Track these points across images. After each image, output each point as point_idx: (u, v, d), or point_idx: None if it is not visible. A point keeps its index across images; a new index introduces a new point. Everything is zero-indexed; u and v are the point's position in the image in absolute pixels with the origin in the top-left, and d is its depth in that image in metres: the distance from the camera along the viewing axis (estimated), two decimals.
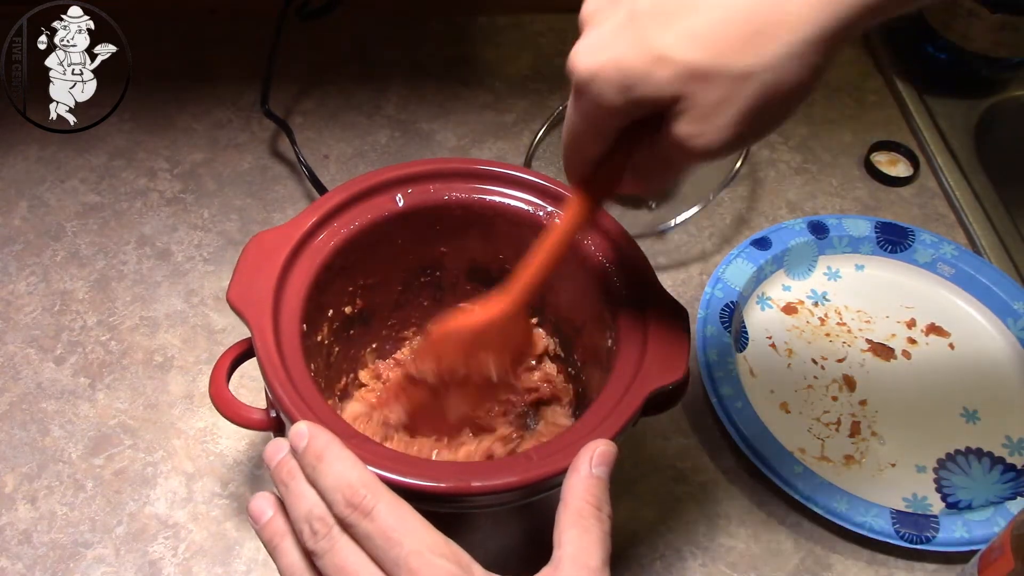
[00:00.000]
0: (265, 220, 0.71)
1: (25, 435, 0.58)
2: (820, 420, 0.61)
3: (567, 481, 0.38)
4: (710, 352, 0.62)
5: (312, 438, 0.38)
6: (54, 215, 0.70)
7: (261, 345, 0.43)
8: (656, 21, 0.32)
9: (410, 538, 0.35)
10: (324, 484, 0.36)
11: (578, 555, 0.36)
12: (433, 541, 0.35)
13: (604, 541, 0.37)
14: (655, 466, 0.59)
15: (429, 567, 0.34)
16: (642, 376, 0.43)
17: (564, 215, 0.43)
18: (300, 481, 0.37)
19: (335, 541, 0.35)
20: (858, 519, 0.54)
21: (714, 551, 0.55)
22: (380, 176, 0.50)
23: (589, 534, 0.37)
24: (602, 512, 0.37)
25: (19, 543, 0.53)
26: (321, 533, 0.35)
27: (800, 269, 0.70)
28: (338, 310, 0.52)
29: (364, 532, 0.35)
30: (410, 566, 0.34)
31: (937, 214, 0.76)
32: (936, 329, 0.67)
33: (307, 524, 0.36)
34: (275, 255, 0.46)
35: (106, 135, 0.75)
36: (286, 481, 0.37)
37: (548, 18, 0.88)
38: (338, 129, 0.78)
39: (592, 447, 0.39)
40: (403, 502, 0.36)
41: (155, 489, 0.56)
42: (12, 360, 0.61)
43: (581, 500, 0.37)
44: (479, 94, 0.81)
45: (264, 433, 0.52)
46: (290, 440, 0.38)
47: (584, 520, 0.37)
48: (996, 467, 0.60)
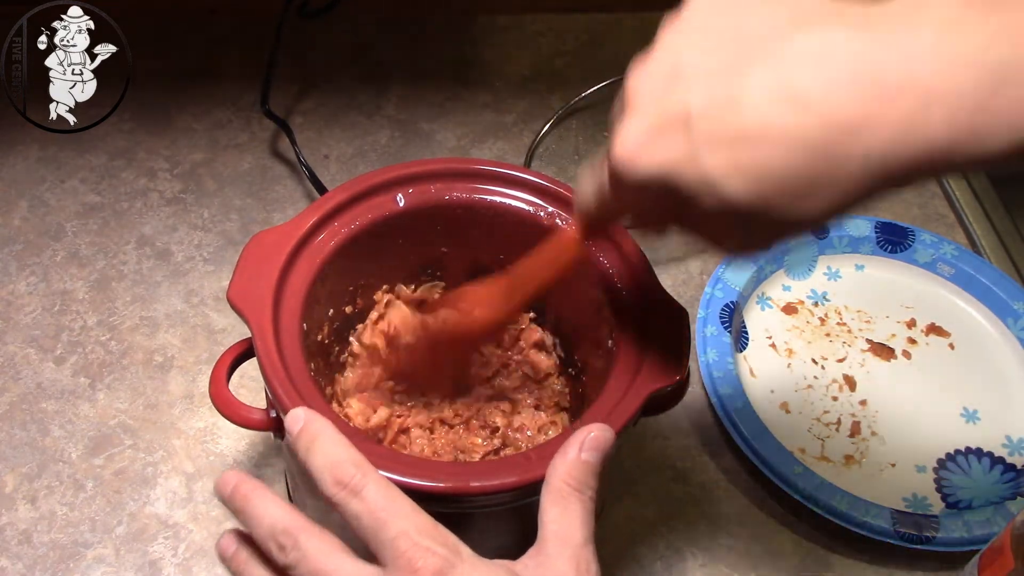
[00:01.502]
0: (265, 220, 0.71)
1: (25, 435, 0.58)
2: (820, 420, 0.61)
3: (552, 462, 0.38)
4: (710, 352, 0.62)
5: (307, 422, 0.38)
6: (54, 215, 0.70)
7: (261, 345, 0.43)
8: (711, 139, 0.31)
9: (398, 519, 0.34)
10: (314, 464, 0.36)
11: (560, 532, 0.36)
12: (422, 523, 0.35)
13: (586, 518, 0.37)
14: (655, 466, 0.59)
15: (417, 548, 0.34)
16: (642, 376, 0.43)
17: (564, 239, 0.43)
18: (255, 503, 0.36)
19: (304, 549, 0.35)
20: (858, 519, 0.54)
21: (714, 551, 0.55)
22: (381, 176, 0.50)
23: (570, 512, 0.37)
24: (584, 493, 0.38)
25: (19, 543, 0.53)
26: (288, 546, 0.35)
27: (800, 269, 0.70)
28: (338, 310, 0.52)
29: (353, 512, 0.35)
30: (398, 547, 0.34)
31: (937, 214, 0.76)
32: (936, 329, 0.67)
33: (272, 542, 0.35)
34: (276, 255, 0.46)
35: (106, 135, 0.75)
36: (242, 507, 0.37)
37: (548, 18, 0.88)
38: (338, 129, 0.78)
39: (585, 431, 0.39)
40: (392, 485, 0.36)
41: (155, 489, 0.56)
42: (12, 360, 0.61)
43: (560, 480, 0.38)
44: (479, 94, 0.81)
45: (264, 433, 0.52)
46: (286, 425, 0.38)
47: (564, 499, 0.37)
48: (996, 467, 0.60)
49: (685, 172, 0.31)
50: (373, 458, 0.39)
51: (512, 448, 0.53)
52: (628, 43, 0.86)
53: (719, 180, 0.31)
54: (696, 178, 0.31)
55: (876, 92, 0.29)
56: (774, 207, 0.31)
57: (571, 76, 0.78)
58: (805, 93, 0.29)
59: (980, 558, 0.48)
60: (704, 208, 0.32)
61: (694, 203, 0.32)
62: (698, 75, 0.31)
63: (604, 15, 0.89)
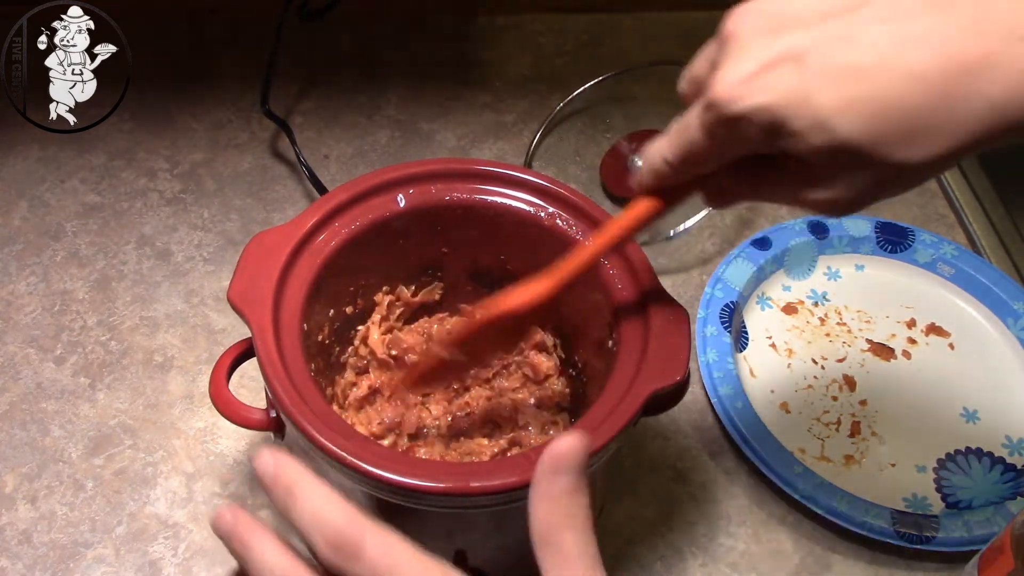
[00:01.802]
0: (265, 220, 0.71)
1: (25, 435, 0.58)
2: (820, 420, 0.61)
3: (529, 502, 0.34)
4: (710, 352, 0.62)
5: (279, 470, 0.33)
6: (54, 215, 0.70)
7: (261, 345, 0.43)
8: (822, 77, 0.30)
9: (402, 570, 0.33)
10: (300, 523, 0.33)
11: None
12: (424, 567, 0.33)
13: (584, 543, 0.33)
14: (655, 466, 0.59)
15: None
16: (642, 377, 0.43)
17: (631, 212, 0.41)
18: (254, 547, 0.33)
19: None
20: (858, 519, 0.54)
21: (714, 551, 0.55)
22: (381, 176, 0.50)
23: (564, 551, 0.33)
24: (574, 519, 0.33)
25: (19, 543, 0.53)
26: None
27: (800, 269, 0.70)
28: (339, 310, 0.52)
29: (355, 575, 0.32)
30: None
31: (937, 214, 0.76)
32: (936, 329, 0.67)
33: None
34: (276, 255, 0.46)
35: (106, 135, 0.75)
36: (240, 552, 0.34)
37: (548, 18, 0.88)
38: (338, 129, 0.78)
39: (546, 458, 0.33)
40: (387, 531, 0.33)
41: (155, 489, 0.56)
42: (12, 360, 0.61)
43: (540, 523, 0.33)
44: (479, 94, 0.81)
45: (264, 433, 0.52)
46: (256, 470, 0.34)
47: (556, 539, 0.33)
48: (996, 467, 0.60)
49: (795, 108, 0.31)
50: (375, 458, 0.39)
51: (520, 448, 0.53)
52: (628, 43, 0.86)
53: (831, 116, 0.30)
54: (807, 114, 0.31)
55: (999, 34, 0.29)
56: (884, 146, 0.30)
57: (571, 76, 0.78)
58: (925, 31, 0.29)
59: (980, 558, 0.49)
60: (809, 148, 0.31)
61: (799, 142, 0.31)
62: (810, 15, 0.31)
63: (604, 15, 0.89)
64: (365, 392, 0.54)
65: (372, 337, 0.54)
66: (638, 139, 0.72)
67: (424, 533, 0.46)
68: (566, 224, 0.50)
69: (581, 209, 0.50)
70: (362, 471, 0.39)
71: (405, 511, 0.42)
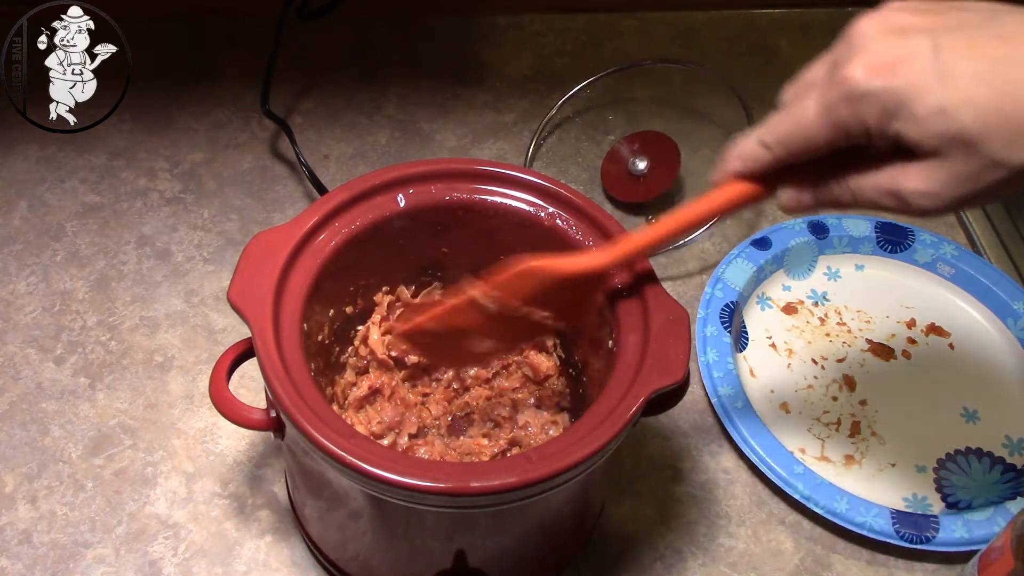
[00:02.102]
0: (265, 220, 0.71)
1: (25, 435, 0.58)
2: (820, 420, 0.61)
3: None
4: (710, 352, 0.62)
5: None
6: (54, 215, 0.70)
7: (261, 345, 0.43)
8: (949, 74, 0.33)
9: None
10: None
11: None
12: None
13: None
14: (655, 466, 0.59)
15: None
16: (642, 377, 0.43)
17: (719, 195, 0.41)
18: None
19: None
20: (858, 519, 0.54)
21: (714, 551, 0.55)
22: (381, 176, 0.50)
23: None
24: None
25: (19, 543, 0.53)
26: None
27: (800, 269, 0.70)
28: (339, 310, 0.52)
29: None
30: None
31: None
32: (936, 329, 0.67)
33: None
34: (276, 255, 0.46)
35: (106, 135, 0.75)
36: None
37: (548, 18, 0.88)
38: (338, 129, 0.78)
39: None
40: None
41: (155, 489, 0.56)
42: (12, 360, 0.61)
43: None
44: (479, 94, 0.81)
45: (264, 433, 0.52)
46: None
47: None
48: (996, 467, 0.60)
49: (920, 94, 0.33)
50: (375, 458, 0.39)
51: (520, 448, 0.53)
52: (628, 43, 0.86)
53: (956, 107, 0.33)
54: (931, 102, 0.33)
55: None
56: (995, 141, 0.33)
57: (571, 76, 0.78)
58: None
59: (980, 558, 0.49)
60: (925, 133, 0.33)
61: (917, 125, 0.33)
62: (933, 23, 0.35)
63: (604, 15, 0.89)
64: (365, 392, 0.54)
65: (372, 337, 0.54)
66: (638, 140, 0.72)
67: (424, 533, 0.46)
68: (566, 224, 0.50)
69: (581, 209, 0.50)
70: (362, 471, 0.39)
71: (405, 511, 0.42)
